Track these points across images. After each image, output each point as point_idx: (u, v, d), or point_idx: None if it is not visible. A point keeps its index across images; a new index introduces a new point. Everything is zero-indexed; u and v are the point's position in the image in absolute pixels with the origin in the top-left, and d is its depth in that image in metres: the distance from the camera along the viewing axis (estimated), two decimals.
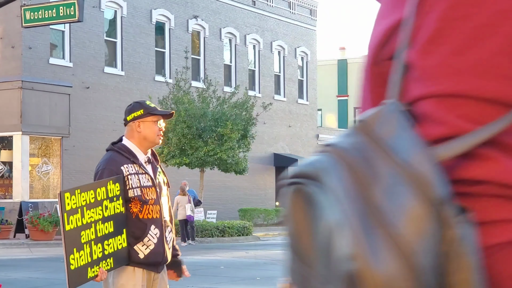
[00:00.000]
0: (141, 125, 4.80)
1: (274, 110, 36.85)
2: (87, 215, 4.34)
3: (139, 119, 4.80)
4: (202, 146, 27.71)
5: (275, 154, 39.51)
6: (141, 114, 4.80)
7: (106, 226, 4.45)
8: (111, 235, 4.48)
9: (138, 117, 4.81)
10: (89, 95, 29.63)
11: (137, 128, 4.80)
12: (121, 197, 4.58)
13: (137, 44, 31.84)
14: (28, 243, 23.63)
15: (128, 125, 4.85)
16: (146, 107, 4.84)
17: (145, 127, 4.79)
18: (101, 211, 4.43)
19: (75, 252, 4.22)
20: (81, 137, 29.09)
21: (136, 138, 4.80)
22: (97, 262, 4.37)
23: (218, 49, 36.42)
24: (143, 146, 4.82)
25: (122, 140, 4.86)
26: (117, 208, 4.54)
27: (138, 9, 31.98)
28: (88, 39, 29.61)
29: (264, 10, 39.32)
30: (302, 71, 42.71)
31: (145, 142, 4.81)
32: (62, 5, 18.99)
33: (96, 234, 4.37)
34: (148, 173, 4.77)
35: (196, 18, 34.92)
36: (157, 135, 4.82)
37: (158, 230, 4.72)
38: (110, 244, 4.47)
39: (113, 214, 4.49)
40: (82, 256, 4.26)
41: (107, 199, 4.48)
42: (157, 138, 4.84)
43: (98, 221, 4.40)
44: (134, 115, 4.81)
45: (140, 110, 4.82)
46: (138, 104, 4.88)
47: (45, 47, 28.20)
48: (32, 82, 27.26)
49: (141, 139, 4.80)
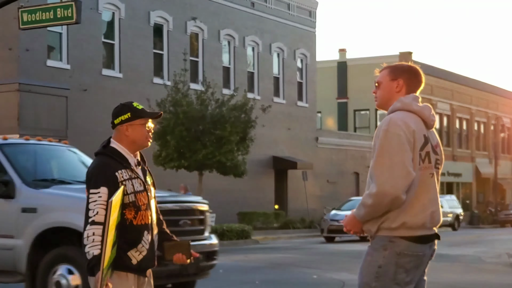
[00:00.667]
0: (129, 129, 4.67)
1: (273, 112, 36.68)
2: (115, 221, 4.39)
3: (127, 122, 4.67)
4: (201, 148, 27.57)
5: (274, 157, 39.36)
6: (128, 117, 4.67)
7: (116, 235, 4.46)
8: (114, 244, 4.49)
9: (125, 120, 4.67)
10: (86, 98, 29.47)
11: (126, 131, 4.68)
12: (121, 208, 4.54)
13: (135, 46, 31.69)
14: None
15: (116, 129, 4.72)
16: (133, 110, 4.69)
17: (134, 131, 4.67)
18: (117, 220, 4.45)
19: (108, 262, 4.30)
20: (79, 139, 28.85)
21: (124, 141, 4.69)
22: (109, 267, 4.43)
23: (217, 51, 36.28)
24: (132, 149, 4.72)
25: (110, 142, 4.73)
26: (119, 218, 4.51)
27: (136, 11, 31.84)
28: (85, 41, 29.46)
29: (263, 12, 39.19)
30: (302, 73, 42.58)
31: (134, 146, 4.71)
32: (60, 7, 18.81)
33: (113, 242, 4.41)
34: (140, 177, 4.71)
35: (195, 20, 34.77)
36: (146, 138, 4.71)
37: (149, 236, 4.69)
38: (113, 253, 4.49)
39: (117, 224, 4.47)
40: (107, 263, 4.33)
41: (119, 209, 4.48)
42: (146, 141, 4.72)
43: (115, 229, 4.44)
44: (122, 119, 4.67)
45: (128, 113, 4.67)
46: (125, 107, 4.72)
47: (43, 49, 28.05)
48: (29, 85, 27.11)
49: (130, 143, 4.69)
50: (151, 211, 4.71)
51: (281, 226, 36.54)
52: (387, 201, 4.41)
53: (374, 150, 4.55)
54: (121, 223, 4.54)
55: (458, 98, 58.37)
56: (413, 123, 4.56)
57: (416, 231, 4.53)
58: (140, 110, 4.71)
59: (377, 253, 4.55)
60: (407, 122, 4.53)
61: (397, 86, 4.71)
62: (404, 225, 4.50)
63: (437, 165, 4.69)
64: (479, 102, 61.42)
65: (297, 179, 40.50)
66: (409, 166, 4.44)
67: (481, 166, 60.74)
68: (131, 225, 4.59)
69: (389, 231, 4.52)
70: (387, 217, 4.50)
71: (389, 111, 4.66)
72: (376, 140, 4.56)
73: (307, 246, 26.31)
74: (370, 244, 4.63)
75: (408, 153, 4.47)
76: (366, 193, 4.49)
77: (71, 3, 18.66)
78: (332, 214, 31.54)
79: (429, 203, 4.58)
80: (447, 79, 56.40)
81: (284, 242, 30.08)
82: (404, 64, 4.84)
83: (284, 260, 19.23)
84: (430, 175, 4.61)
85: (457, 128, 58.68)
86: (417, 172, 4.51)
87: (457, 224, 44.40)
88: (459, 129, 59.06)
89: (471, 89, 60.34)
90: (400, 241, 4.51)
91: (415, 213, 4.51)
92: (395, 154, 4.43)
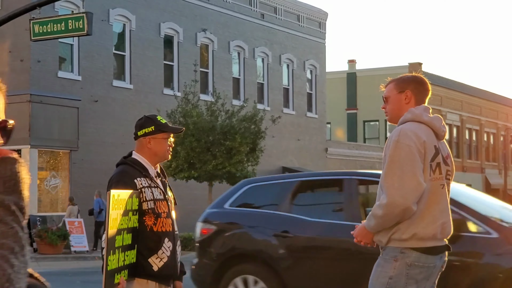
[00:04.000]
0: (152, 142, 4.79)
1: (283, 123, 36.72)
2: (121, 221, 4.36)
3: (150, 135, 4.80)
4: (211, 159, 27.59)
5: (284, 167, 39.35)
6: (152, 130, 4.79)
7: (128, 237, 4.47)
8: (129, 248, 4.50)
9: (149, 133, 4.80)
10: (97, 109, 29.59)
11: (148, 144, 4.80)
12: (137, 213, 4.59)
13: (145, 57, 31.82)
14: (36, 256, 23.52)
15: (138, 140, 4.84)
16: (157, 124, 4.82)
17: (156, 144, 4.79)
18: (127, 221, 4.45)
19: (111, 254, 4.24)
20: (90, 150, 29.03)
21: (146, 153, 4.81)
22: (120, 270, 4.39)
23: (227, 62, 36.37)
24: (153, 161, 4.83)
25: (132, 154, 4.86)
26: (135, 222, 4.55)
27: (147, 23, 31.98)
28: (96, 52, 29.60)
29: (272, 23, 39.28)
30: (311, 84, 42.62)
31: (155, 158, 4.82)
32: (71, 18, 18.96)
33: (122, 242, 4.39)
34: (159, 187, 4.79)
35: (205, 31, 34.89)
36: (167, 151, 4.84)
37: (171, 243, 4.74)
38: (128, 256, 4.49)
39: (132, 227, 4.51)
40: (114, 260, 4.29)
41: (131, 211, 4.50)
42: (167, 154, 4.85)
43: (125, 230, 4.42)
44: (145, 131, 4.80)
45: (151, 126, 4.80)
46: (150, 120, 4.85)
47: (54, 61, 28.20)
48: (40, 96, 27.24)
49: (152, 155, 4.81)
50: (172, 220, 4.78)
51: None
52: (397, 212, 4.42)
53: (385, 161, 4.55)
54: (141, 229, 4.59)
55: (467, 109, 58.27)
56: (423, 134, 4.56)
57: (427, 242, 4.54)
58: (164, 124, 4.83)
59: (387, 264, 4.56)
60: (418, 133, 4.54)
61: (405, 98, 4.71)
62: (415, 236, 4.50)
63: (448, 176, 4.70)
64: (488, 113, 61.28)
65: None
66: (419, 177, 4.44)
67: (491, 177, 60.53)
68: (151, 231, 4.65)
69: (400, 242, 4.53)
70: (398, 228, 4.51)
71: (400, 122, 4.66)
72: (386, 150, 4.56)
73: None
74: (381, 255, 4.64)
75: (418, 164, 4.47)
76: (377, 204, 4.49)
77: (82, 15, 18.81)
78: None
79: (440, 214, 4.59)
80: (457, 89, 56.31)
81: None
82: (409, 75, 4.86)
83: None
84: (441, 186, 4.62)
85: (466, 139, 58.54)
86: (427, 183, 4.51)
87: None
88: (468, 140, 58.92)
89: (480, 99, 60.23)
90: (411, 252, 4.52)
91: (426, 224, 4.52)
92: (406, 165, 4.43)
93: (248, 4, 37.73)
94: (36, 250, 24.60)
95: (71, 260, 23.51)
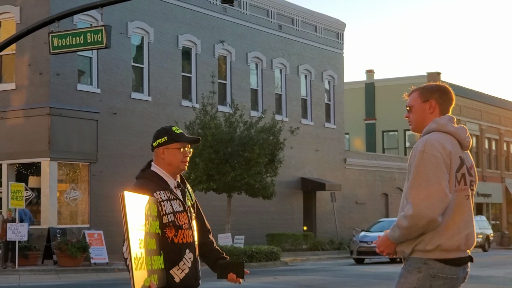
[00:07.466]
0: (165, 152, 4.80)
1: (301, 134, 36.68)
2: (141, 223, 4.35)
3: (163, 145, 4.81)
4: (229, 171, 27.59)
5: (303, 178, 39.29)
6: (165, 140, 4.81)
7: (152, 242, 4.46)
8: (154, 253, 4.49)
9: (162, 143, 4.81)
10: (116, 121, 29.69)
11: (162, 154, 4.81)
12: (157, 219, 4.59)
13: (163, 69, 31.91)
14: (56, 269, 23.58)
15: (154, 151, 4.86)
16: (170, 134, 4.82)
17: (169, 154, 4.80)
18: (148, 225, 4.45)
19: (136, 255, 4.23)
20: (109, 162, 29.11)
21: (162, 164, 4.82)
22: (150, 273, 4.38)
23: (245, 74, 36.41)
24: (170, 171, 4.82)
25: (150, 165, 4.86)
26: (156, 228, 4.55)
27: (165, 35, 32.09)
28: (115, 65, 29.73)
29: (290, 34, 39.30)
30: (329, 95, 42.57)
31: (170, 168, 4.82)
32: (90, 31, 19.06)
33: (145, 246, 4.37)
34: (179, 198, 4.78)
35: (223, 43, 34.96)
36: (181, 162, 4.81)
37: (192, 254, 4.75)
38: (155, 261, 4.48)
39: (154, 232, 4.51)
40: (141, 262, 4.27)
41: (151, 216, 4.50)
42: (182, 165, 4.83)
43: (147, 234, 4.41)
44: (159, 142, 4.82)
45: (165, 137, 4.81)
46: (164, 130, 4.87)
47: (73, 74, 28.34)
48: (60, 109, 27.37)
49: (166, 165, 4.81)
50: (192, 231, 4.78)
51: (310, 248, 36.40)
52: (423, 223, 4.36)
53: (410, 171, 4.49)
54: (162, 241, 4.59)
55: (487, 118, 57.98)
56: (449, 145, 4.51)
57: (451, 254, 4.49)
58: (177, 134, 4.82)
59: (411, 275, 4.51)
60: (443, 143, 4.48)
61: (430, 107, 4.65)
62: (439, 248, 4.45)
63: (471, 187, 4.65)
64: (508, 122, 60.94)
65: (325, 200, 40.38)
66: (446, 188, 4.38)
67: (511, 187, 60.14)
68: (172, 243, 4.65)
69: (423, 253, 4.48)
70: (422, 239, 4.46)
71: (424, 132, 4.59)
72: (412, 161, 4.49)
73: (336, 268, 26.20)
74: (404, 266, 4.58)
75: (444, 175, 4.41)
76: (401, 215, 4.43)
77: (100, 28, 18.90)
78: (362, 235, 31.35)
79: (464, 225, 4.54)
80: (476, 99, 56.07)
81: (313, 263, 29.96)
82: (433, 84, 4.80)
83: (313, 282, 19.14)
84: (465, 197, 4.57)
85: (486, 149, 58.22)
86: (452, 194, 4.46)
87: (487, 245, 43.95)
88: (488, 149, 58.60)
89: (499, 109, 59.92)
90: (435, 263, 4.47)
91: (451, 236, 4.47)
92: (432, 176, 4.38)
93: (265, 15, 37.78)
94: (56, 263, 24.66)
95: (91, 272, 23.55)
